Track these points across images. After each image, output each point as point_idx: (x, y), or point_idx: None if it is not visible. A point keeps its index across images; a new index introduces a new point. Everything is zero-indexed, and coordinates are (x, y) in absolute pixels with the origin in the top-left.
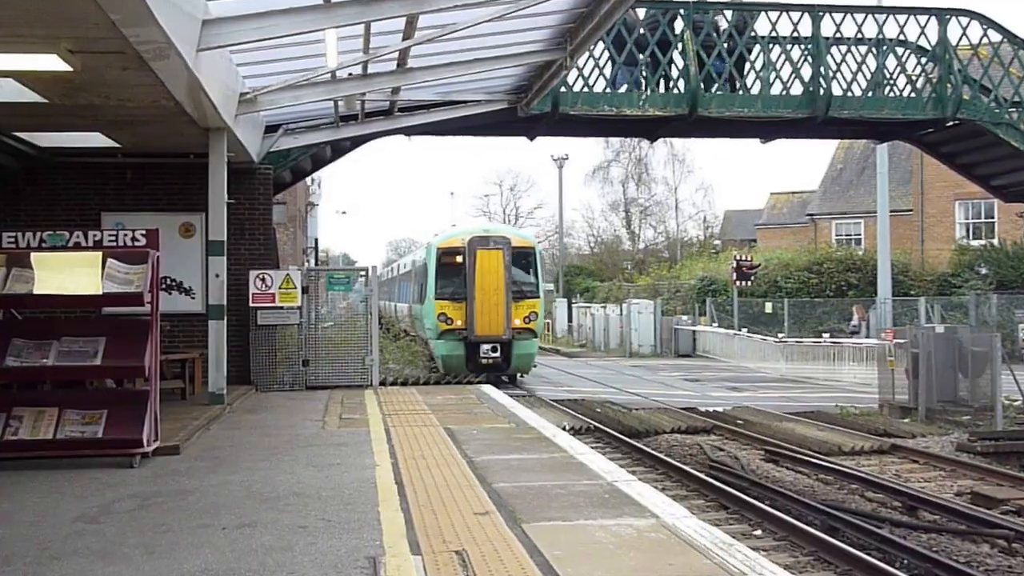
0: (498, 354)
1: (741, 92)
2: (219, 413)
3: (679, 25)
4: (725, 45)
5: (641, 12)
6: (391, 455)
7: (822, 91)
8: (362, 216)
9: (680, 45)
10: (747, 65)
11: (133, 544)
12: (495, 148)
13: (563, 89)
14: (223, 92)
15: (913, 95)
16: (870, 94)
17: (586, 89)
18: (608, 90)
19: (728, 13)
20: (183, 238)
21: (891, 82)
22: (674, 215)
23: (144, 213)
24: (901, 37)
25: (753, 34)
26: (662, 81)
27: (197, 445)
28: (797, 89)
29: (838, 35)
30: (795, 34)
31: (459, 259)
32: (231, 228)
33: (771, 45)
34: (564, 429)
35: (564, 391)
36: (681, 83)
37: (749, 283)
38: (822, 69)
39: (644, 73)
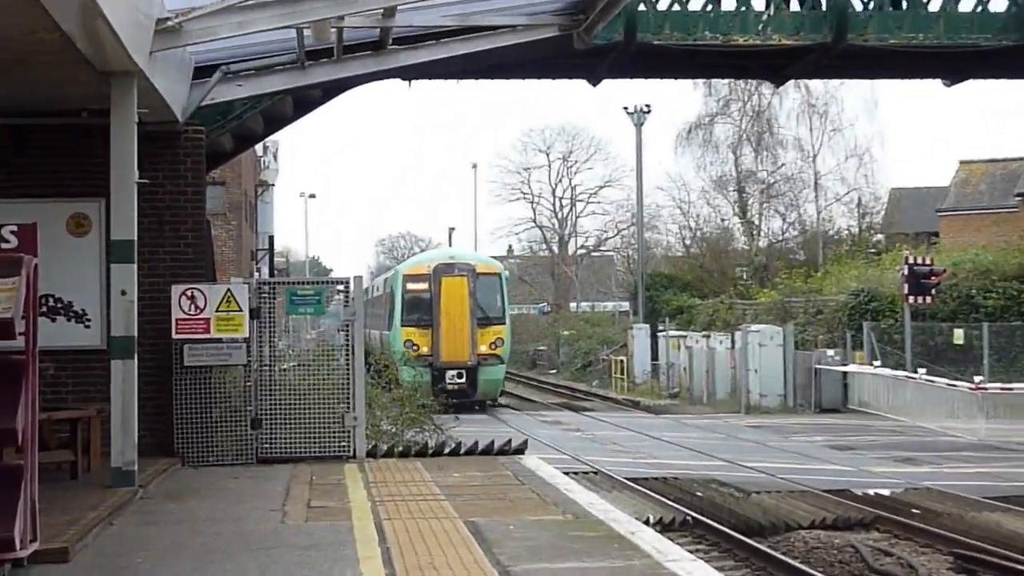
0: (464, 380)
1: (913, 10)
2: (127, 500)
3: None
4: None
5: None
6: (386, 563)
7: None
8: (340, 203)
9: None
10: None
11: None
12: (540, 99)
13: (642, 7)
14: (131, 18)
15: None
16: None
17: (676, 7)
18: (710, 8)
19: None
20: (73, 236)
21: None
22: (813, 196)
23: (15, 201)
24: None
25: None
26: None
27: (95, 548)
28: (999, 5)
29: None
30: None
31: (425, 286)
32: (144, 221)
33: None
34: (648, 523)
35: (646, 465)
36: None
37: (929, 299)
38: None
39: None
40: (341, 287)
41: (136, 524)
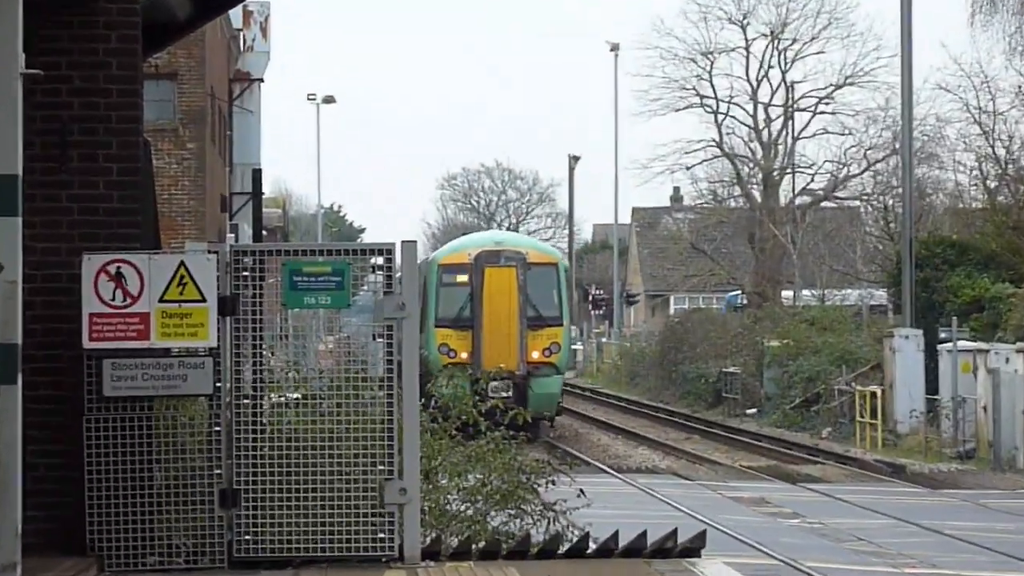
0: (510, 394)
1: None
2: None
3: None
4: None
5: None
6: None
7: None
8: (379, 115)
9: None
10: None
11: None
12: None
13: None
14: None
15: None
16: None
17: None
18: None
19: None
20: None
21: None
22: None
23: None
24: None
25: None
26: None
27: None
28: None
29: None
30: None
31: (464, 278)
32: (36, 143)
33: None
34: None
35: None
36: None
37: None
38: None
39: None
40: (380, 259)
41: None
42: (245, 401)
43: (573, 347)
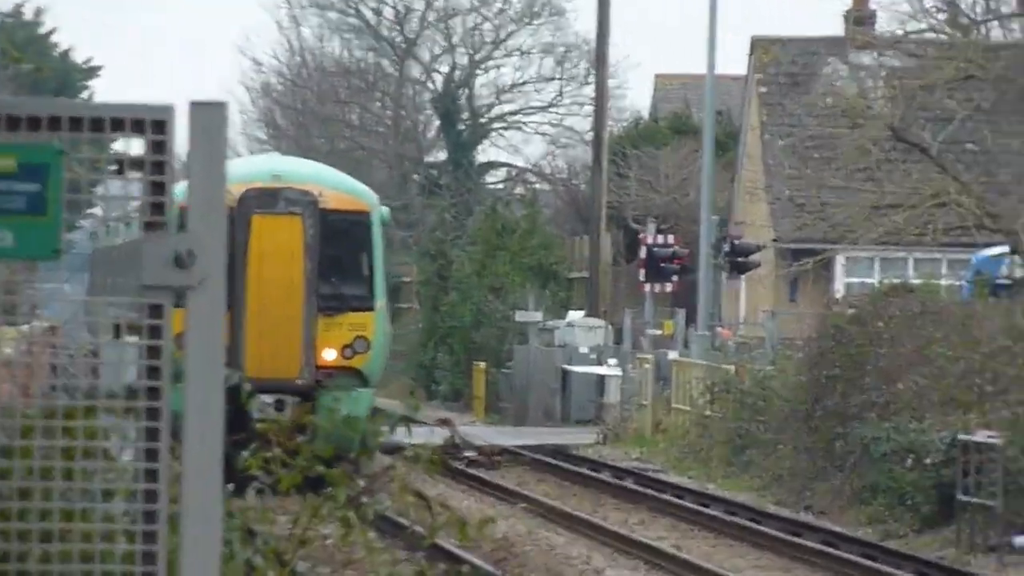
0: (288, 414)
1: None
2: None
3: None
4: None
5: None
6: None
7: None
8: None
9: None
10: None
11: None
12: None
13: None
14: None
15: None
16: None
17: None
18: None
19: None
20: None
21: None
22: None
23: None
24: None
25: None
26: None
27: None
28: None
29: None
30: None
31: None
32: None
33: None
34: None
35: None
36: None
37: None
38: None
39: None
40: (138, 145)
41: None
42: None
43: (610, 372)
